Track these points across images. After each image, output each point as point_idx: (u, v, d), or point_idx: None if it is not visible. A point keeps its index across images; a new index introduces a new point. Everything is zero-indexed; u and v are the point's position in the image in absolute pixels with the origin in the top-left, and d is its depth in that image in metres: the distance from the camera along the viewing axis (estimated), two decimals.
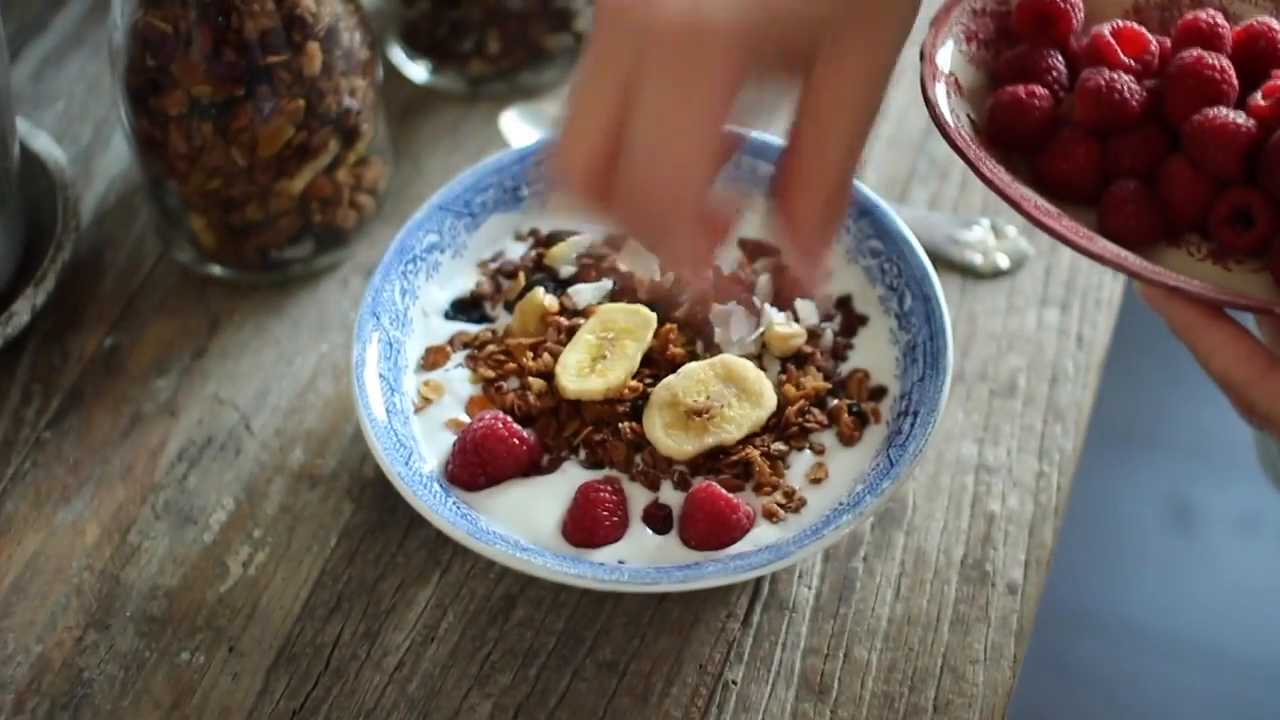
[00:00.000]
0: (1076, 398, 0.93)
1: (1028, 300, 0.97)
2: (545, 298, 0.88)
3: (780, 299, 0.88)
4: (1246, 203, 0.72)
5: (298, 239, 0.97)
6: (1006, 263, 0.99)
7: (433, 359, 0.87)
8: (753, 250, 0.92)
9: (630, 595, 0.84)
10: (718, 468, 0.82)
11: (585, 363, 0.84)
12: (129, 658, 0.83)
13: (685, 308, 0.87)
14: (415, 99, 1.10)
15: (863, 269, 0.90)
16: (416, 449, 0.82)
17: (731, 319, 0.86)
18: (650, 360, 0.85)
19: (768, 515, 0.80)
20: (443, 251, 0.90)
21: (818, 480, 0.82)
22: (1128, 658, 1.84)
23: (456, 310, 0.90)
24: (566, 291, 0.88)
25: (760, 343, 0.86)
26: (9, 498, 0.89)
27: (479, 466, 0.81)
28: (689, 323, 0.87)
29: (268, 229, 0.96)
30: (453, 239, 0.91)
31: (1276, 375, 0.67)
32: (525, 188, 0.93)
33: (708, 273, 0.75)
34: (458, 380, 0.86)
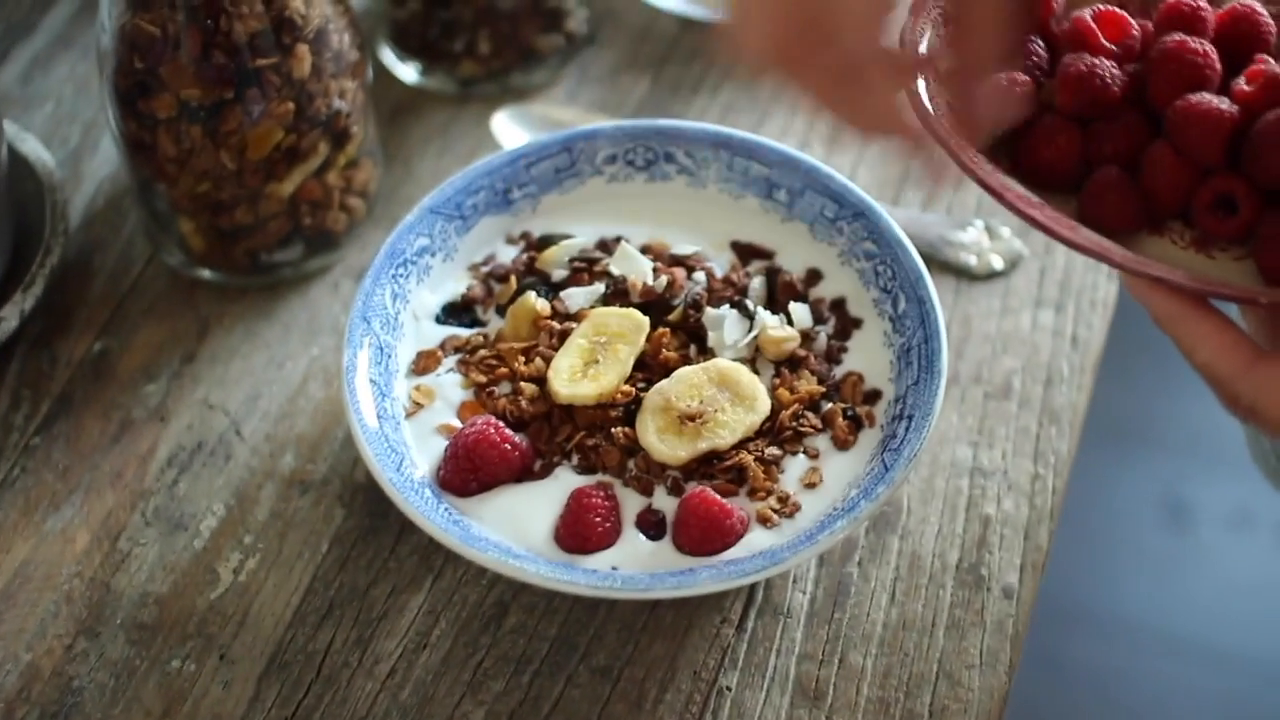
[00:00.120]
0: (1072, 399, 0.92)
1: (1022, 301, 0.97)
2: (537, 302, 0.87)
3: (774, 302, 0.88)
4: (1229, 189, 0.71)
5: (287, 242, 0.96)
6: (1001, 264, 0.98)
7: (424, 364, 0.87)
8: (745, 253, 0.91)
9: (624, 601, 0.84)
10: (711, 472, 0.82)
11: (578, 367, 0.84)
12: (119, 666, 0.82)
13: (679, 310, 0.86)
14: (405, 100, 1.10)
15: (857, 271, 0.89)
16: (408, 455, 0.82)
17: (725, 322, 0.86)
18: (643, 364, 0.85)
19: (762, 520, 0.80)
20: (434, 255, 0.90)
21: (812, 485, 0.82)
22: (1121, 655, 1.83)
23: (448, 314, 0.89)
24: (559, 295, 0.88)
25: (753, 346, 0.86)
26: None
27: (471, 472, 0.81)
28: (682, 326, 0.86)
29: (257, 232, 0.95)
30: (444, 242, 0.90)
31: (1261, 367, 0.66)
32: (516, 190, 0.92)
33: (899, 122, 0.72)
34: (449, 385, 0.86)
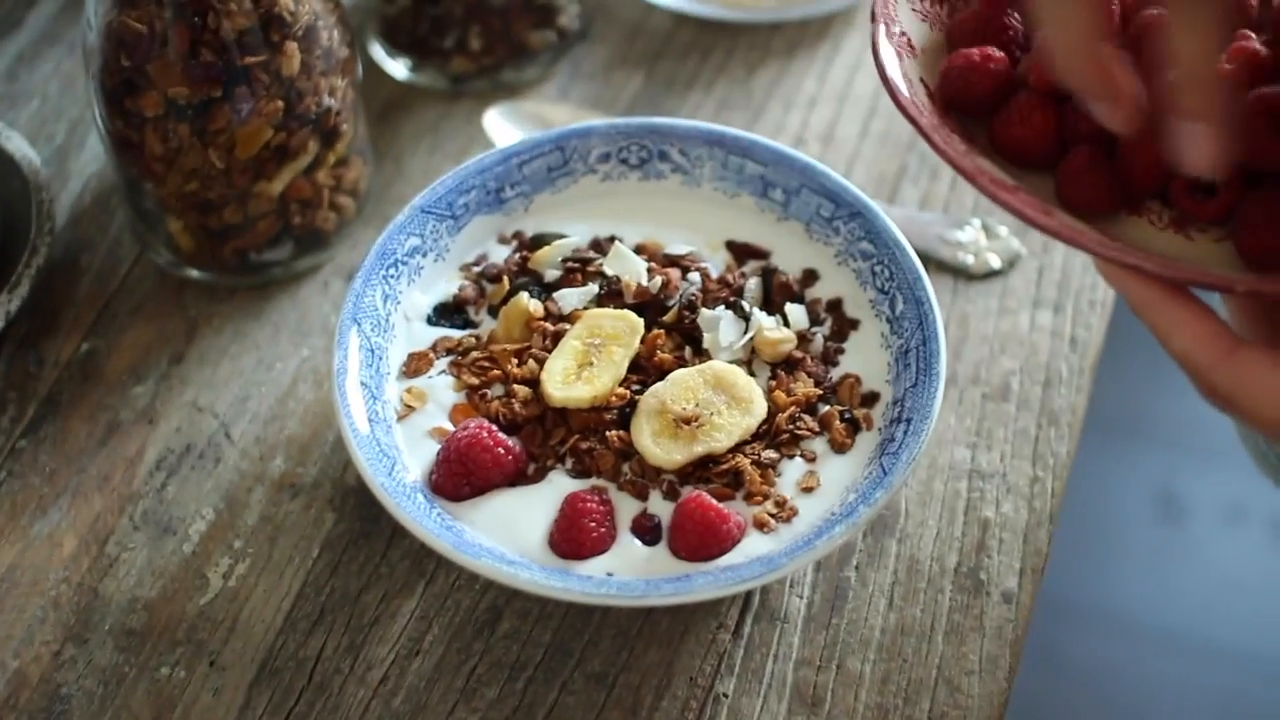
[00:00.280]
0: (1070, 401, 0.91)
1: (1020, 301, 0.96)
2: (530, 302, 0.86)
3: (770, 303, 0.87)
4: None
5: (277, 241, 0.95)
6: (999, 263, 0.97)
7: (415, 365, 0.85)
8: (740, 253, 0.90)
9: (619, 607, 0.83)
10: (707, 476, 0.80)
11: (571, 369, 0.82)
12: (108, 673, 0.81)
13: (674, 311, 0.85)
14: (395, 96, 1.08)
15: (853, 272, 0.88)
16: (399, 459, 0.81)
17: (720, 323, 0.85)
18: (638, 366, 0.84)
19: (759, 525, 0.79)
20: (425, 255, 0.88)
21: (809, 489, 0.80)
22: (1115, 650, 1.83)
23: (439, 315, 0.88)
24: (552, 296, 0.87)
25: (749, 348, 0.85)
26: None
27: (463, 476, 0.80)
28: (677, 327, 0.85)
29: (246, 231, 0.94)
30: (435, 242, 0.89)
31: (1238, 356, 0.65)
32: (508, 189, 0.91)
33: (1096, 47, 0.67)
34: (441, 387, 0.84)
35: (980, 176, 0.69)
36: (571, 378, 0.82)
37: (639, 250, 0.89)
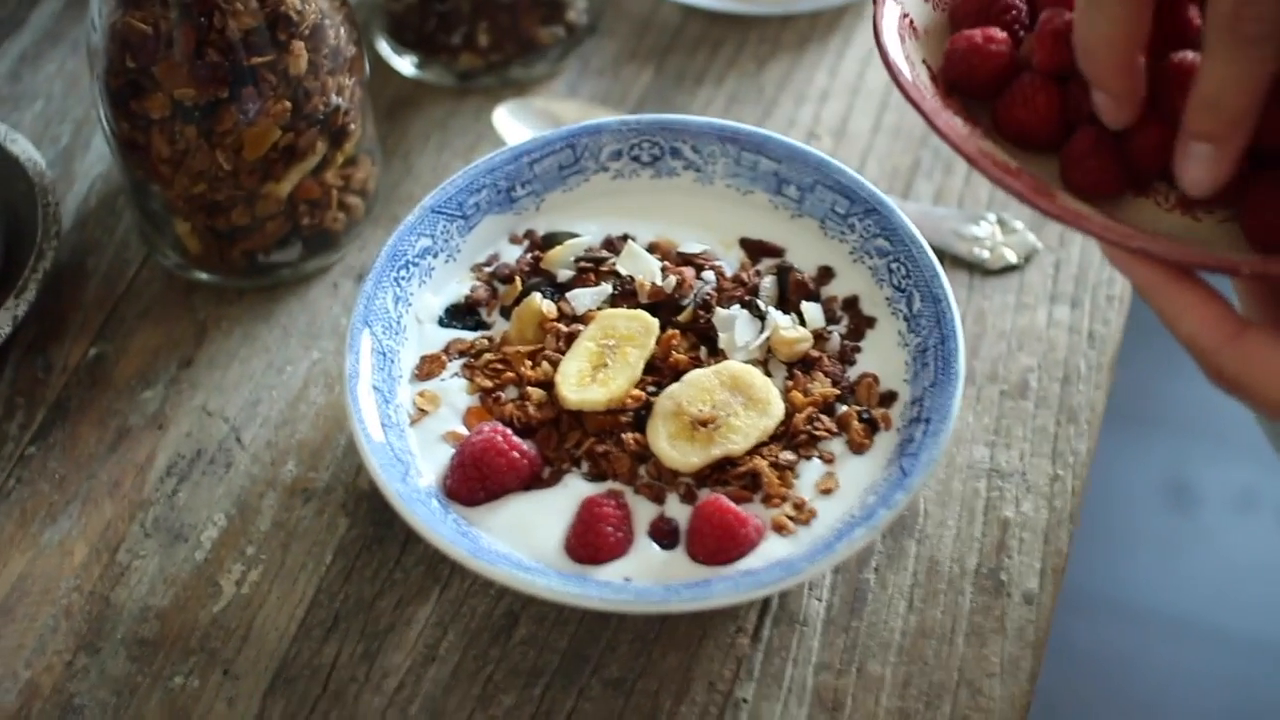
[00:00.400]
0: (1089, 397, 0.90)
1: (1037, 297, 0.95)
2: (543, 303, 0.85)
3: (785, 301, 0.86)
4: None
5: (285, 242, 0.94)
6: (1015, 257, 0.96)
7: (428, 368, 0.84)
8: (754, 250, 0.89)
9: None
10: (724, 479, 0.80)
11: (586, 371, 0.82)
12: (121, 682, 0.80)
13: (689, 311, 0.84)
14: (403, 93, 1.07)
15: (869, 269, 0.87)
16: (413, 464, 0.80)
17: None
18: (652, 367, 0.83)
19: (777, 528, 0.78)
20: (436, 256, 0.87)
21: (828, 490, 0.80)
22: (1127, 638, 1.82)
23: (451, 316, 0.87)
24: (565, 296, 0.86)
25: (765, 347, 0.84)
26: None
27: (478, 481, 0.79)
28: (691, 327, 0.84)
29: (254, 233, 0.93)
30: (446, 242, 0.88)
31: (1245, 339, 0.64)
32: (519, 188, 0.90)
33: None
34: (454, 390, 0.83)
35: (982, 159, 0.68)
36: (586, 380, 0.81)
37: (652, 249, 0.88)
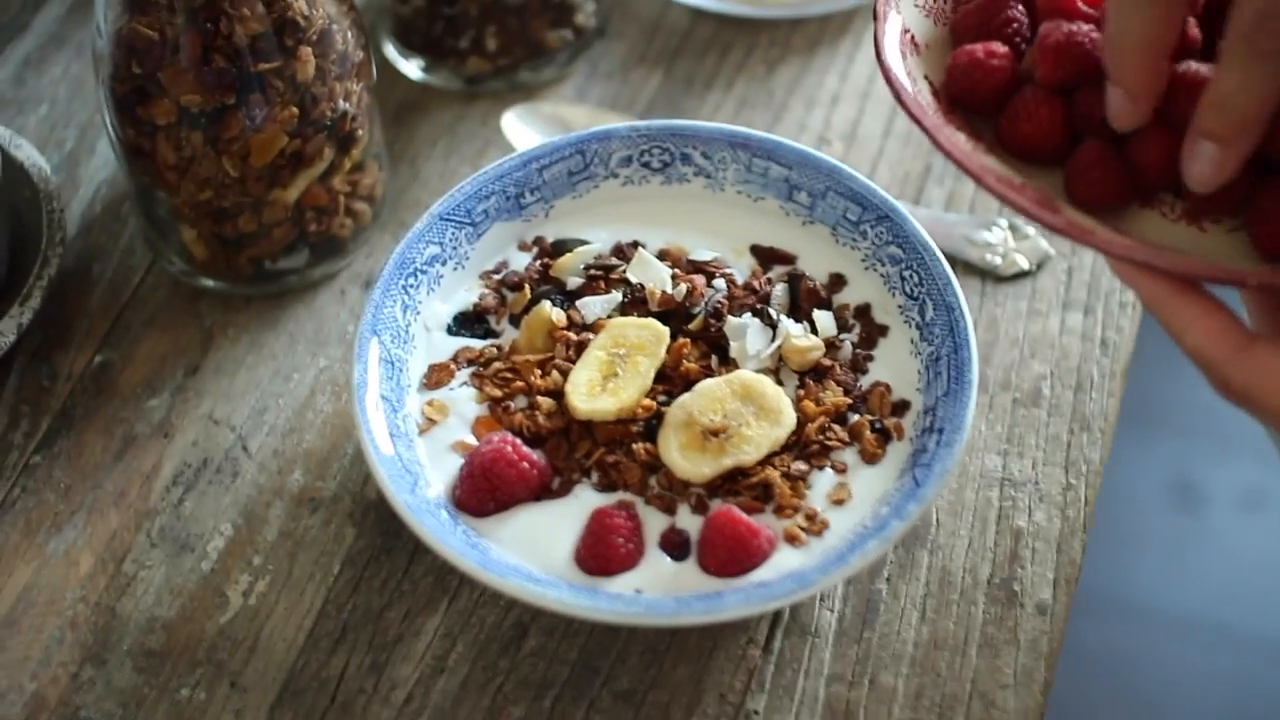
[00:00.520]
0: (1103, 406, 0.90)
1: (1050, 303, 0.94)
2: (552, 311, 0.84)
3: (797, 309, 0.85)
4: None
5: (292, 249, 0.93)
6: (1026, 264, 0.96)
7: (436, 377, 0.84)
8: (765, 257, 0.88)
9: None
10: (736, 489, 0.79)
11: (596, 381, 0.81)
12: (127, 695, 0.80)
13: (700, 319, 0.83)
14: (410, 97, 1.06)
15: (881, 276, 0.86)
16: (422, 474, 0.79)
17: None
18: (663, 376, 0.82)
19: (789, 539, 0.77)
20: (444, 263, 0.87)
21: (840, 501, 0.79)
22: (1134, 638, 1.82)
23: (459, 325, 0.86)
24: (574, 304, 0.85)
25: (777, 356, 0.83)
26: None
27: (488, 492, 0.78)
28: (702, 335, 0.83)
29: (261, 240, 0.92)
30: (454, 250, 0.87)
31: (1251, 351, 0.64)
32: (528, 194, 0.89)
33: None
34: (463, 400, 0.83)
35: (986, 175, 0.67)
36: (596, 389, 0.80)
37: (662, 256, 0.88)
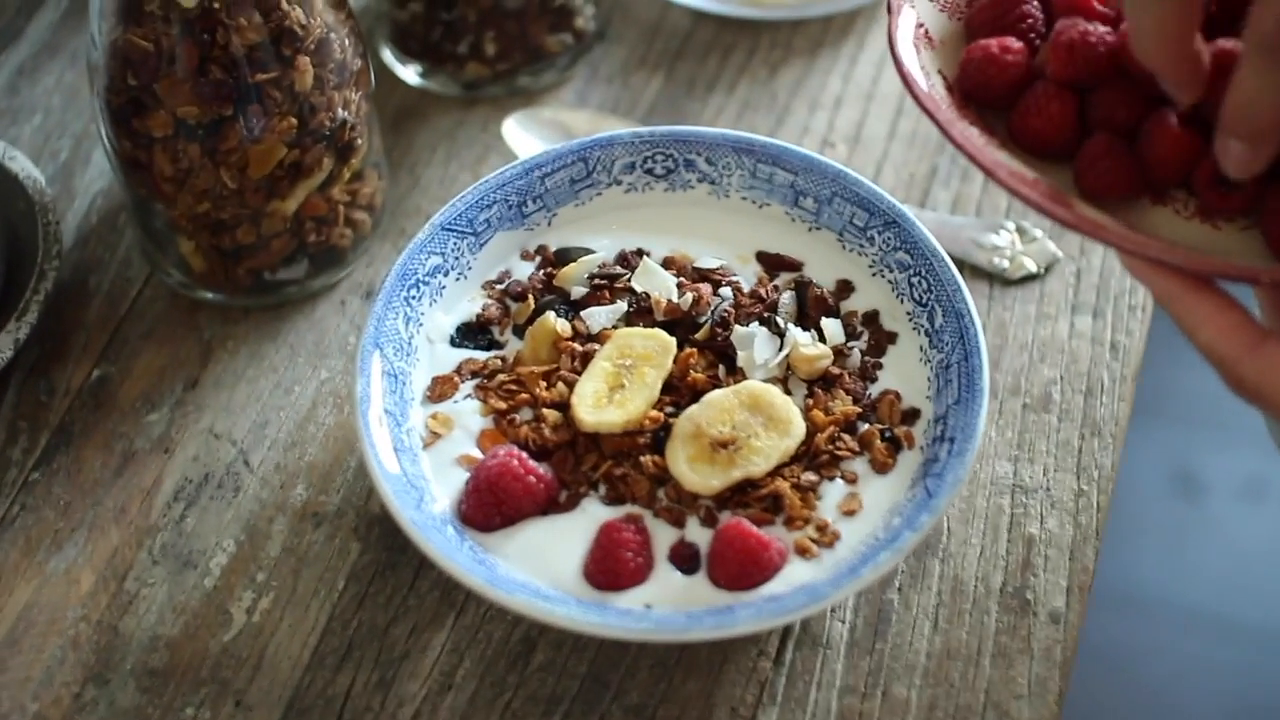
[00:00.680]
0: (1113, 410, 0.89)
1: (1058, 307, 0.93)
2: (557, 322, 0.83)
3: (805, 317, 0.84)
4: None
5: (292, 260, 0.92)
6: (1034, 266, 0.95)
7: (440, 390, 0.83)
8: (772, 264, 0.87)
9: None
10: (746, 501, 0.78)
11: (603, 392, 0.80)
12: (131, 715, 0.79)
13: (706, 328, 0.82)
14: (408, 103, 1.05)
15: (889, 283, 0.85)
16: (427, 489, 0.78)
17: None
18: (670, 387, 0.81)
19: (800, 551, 0.76)
20: (446, 274, 0.86)
21: (851, 512, 0.78)
22: (1134, 628, 1.81)
23: (463, 336, 0.85)
24: (579, 315, 0.84)
25: (785, 365, 0.82)
26: None
27: (494, 506, 0.77)
28: (709, 345, 0.82)
29: (260, 251, 0.91)
30: (456, 260, 0.86)
31: (1265, 349, 0.64)
32: (530, 203, 0.88)
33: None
34: (467, 412, 0.82)
35: (998, 170, 0.67)
36: (603, 401, 0.79)
37: (667, 264, 0.87)
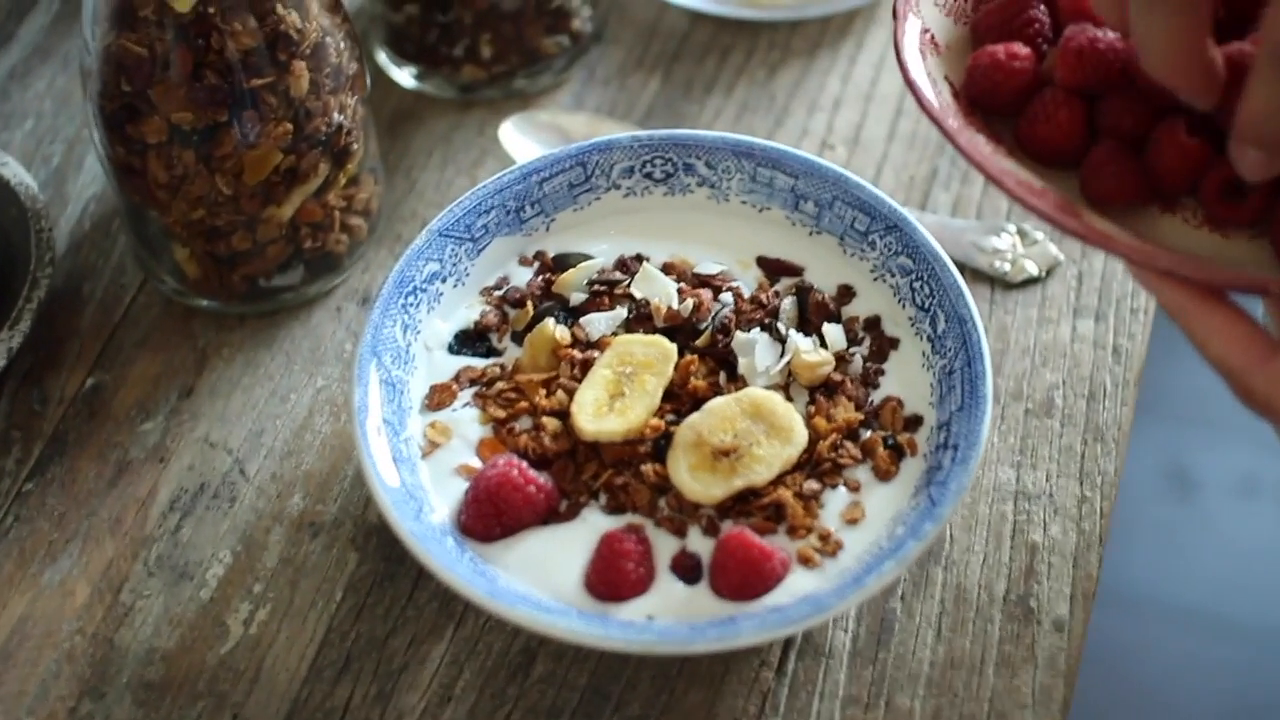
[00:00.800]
0: (1116, 415, 0.88)
1: (1060, 310, 0.92)
2: (556, 329, 0.82)
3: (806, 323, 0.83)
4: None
5: (287, 266, 0.91)
6: (1036, 270, 0.94)
7: (438, 398, 0.82)
8: (772, 269, 0.87)
9: None
10: (748, 510, 0.77)
11: (603, 400, 0.79)
12: None
13: (707, 335, 0.82)
14: (403, 106, 1.04)
15: (891, 288, 0.85)
16: (426, 499, 0.77)
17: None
18: (671, 395, 0.80)
19: (803, 560, 0.76)
20: (444, 280, 0.85)
21: (854, 520, 0.77)
22: (1128, 627, 1.81)
23: (461, 343, 0.84)
24: (579, 321, 0.83)
25: (786, 372, 0.81)
26: None
27: (494, 517, 0.76)
28: (710, 351, 0.82)
29: (255, 258, 0.90)
30: (454, 266, 0.85)
31: (1275, 361, 0.63)
32: (528, 208, 0.87)
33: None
34: (466, 421, 0.81)
35: (1006, 179, 0.66)
36: (603, 409, 0.79)
37: (667, 269, 0.86)
